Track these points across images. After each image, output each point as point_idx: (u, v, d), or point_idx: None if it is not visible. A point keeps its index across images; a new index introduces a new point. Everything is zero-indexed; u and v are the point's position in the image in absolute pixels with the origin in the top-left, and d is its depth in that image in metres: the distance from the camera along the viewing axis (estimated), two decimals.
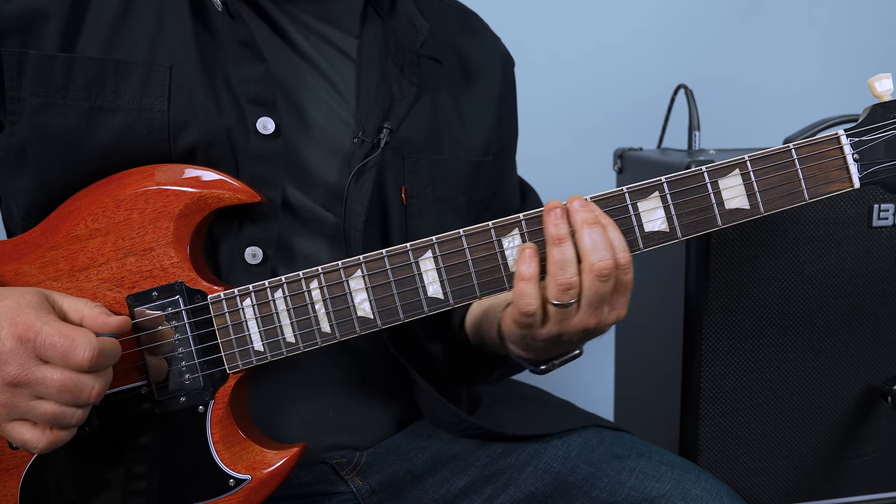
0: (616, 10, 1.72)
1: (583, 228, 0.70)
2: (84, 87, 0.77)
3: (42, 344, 0.66)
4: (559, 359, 0.82)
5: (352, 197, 0.84)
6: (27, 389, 0.66)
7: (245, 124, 0.80)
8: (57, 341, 0.66)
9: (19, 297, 0.68)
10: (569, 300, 0.71)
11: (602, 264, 0.70)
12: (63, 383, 0.66)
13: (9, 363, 0.65)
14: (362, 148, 0.85)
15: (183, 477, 0.77)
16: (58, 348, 0.66)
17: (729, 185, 0.73)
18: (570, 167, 1.65)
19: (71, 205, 0.79)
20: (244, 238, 0.81)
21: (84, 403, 0.68)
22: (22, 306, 0.67)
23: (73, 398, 0.67)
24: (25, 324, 0.66)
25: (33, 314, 0.67)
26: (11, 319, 0.66)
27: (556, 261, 0.71)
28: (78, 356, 0.66)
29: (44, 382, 0.66)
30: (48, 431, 0.68)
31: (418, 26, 0.91)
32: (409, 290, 0.75)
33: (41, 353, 0.66)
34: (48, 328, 0.66)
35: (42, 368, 0.66)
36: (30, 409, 0.67)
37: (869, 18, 1.81)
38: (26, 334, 0.66)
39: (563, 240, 0.71)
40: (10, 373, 0.66)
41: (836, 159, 0.73)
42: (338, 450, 0.90)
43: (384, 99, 0.88)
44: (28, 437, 0.68)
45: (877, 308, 1.20)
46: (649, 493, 0.81)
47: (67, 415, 0.68)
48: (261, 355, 0.77)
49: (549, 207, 0.72)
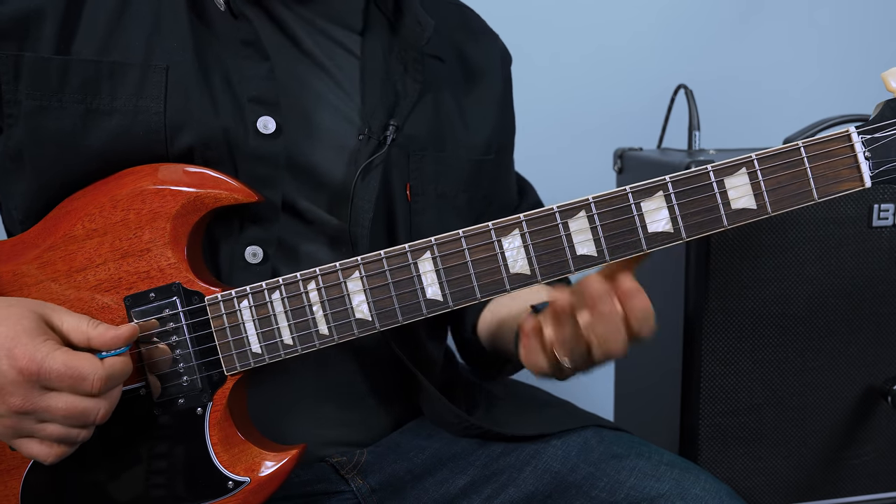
0: (616, 11, 1.72)
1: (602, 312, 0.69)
2: (79, 89, 0.77)
3: (47, 377, 0.65)
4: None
5: (359, 195, 0.84)
6: (33, 416, 0.67)
7: (244, 124, 0.80)
8: (63, 372, 0.65)
9: (15, 323, 0.67)
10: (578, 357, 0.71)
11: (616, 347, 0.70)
12: (68, 411, 0.66)
13: (13, 394, 0.65)
14: (368, 145, 0.85)
15: (181, 479, 0.77)
16: (65, 380, 0.66)
17: (735, 185, 0.70)
18: (570, 167, 1.65)
19: (68, 205, 0.78)
20: (245, 238, 0.81)
21: (91, 425, 0.69)
22: (19, 334, 0.66)
23: (80, 422, 0.67)
24: (26, 356, 0.65)
25: (31, 345, 0.66)
26: (9, 351, 0.65)
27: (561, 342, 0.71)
28: (87, 386, 0.66)
29: (49, 410, 0.66)
30: (55, 447, 0.68)
31: (423, 24, 0.90)
32: (408, 292, 0.74)
33: (46, 384, 0.66)
34: (50, 360, 0.65)
35: (46, 398, 0.66)
36: (36, 431, 0.68)
37: (869, 19, 1.81)
38: (29, 367, 0.65)
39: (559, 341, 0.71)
40: (14, 403, 0.65)
41: (846, 157, 0.70)
42: (337, 447, 0.90)
43: (389, 96, 0.87)
44: (36, 451, 0.68)
45: (877, 308, 1.20)
46: (649, 493, 0.81)
47: (73, 435, 0.68)
48: (258, 357, 0.76)
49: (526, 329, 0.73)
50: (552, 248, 0.72)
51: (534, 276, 0.73)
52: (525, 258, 0.73)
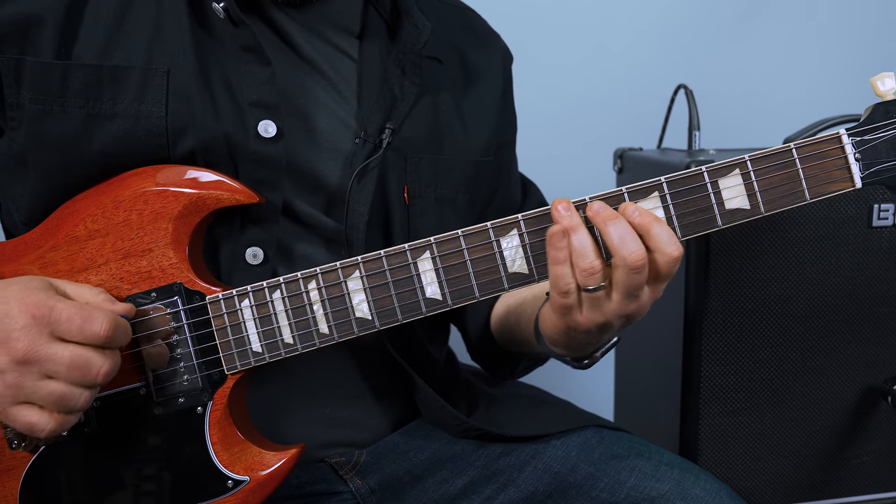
0: (616, 11, 1.72)
1: (606, 225, 0.69)
2: (81, 93, 0.77)
3: (57, 318, 0.66)
4: (599, 350, 0.81)
5: (354, 198, 0.84)
6: (36, 367, 0.66)
7: (245, 128, 0.80)
8: (73, 314, 0.66)
9: (26, 281, 0.69)
10: (595, 284, 0.70)
11: (634, 257, 0.68)
12: (73, 360, 0.66)
13: (19, 339, 0.65)
14: (364, 148, 0.85)
15: (181, 478, 0.77)
16: (74, 321, 0.66)
17: (729, 185, 0.72)
18: (569, 167, 1.65)
19: (71, 206, 0.79)
20: (245, 239, 0.81)
21: (92, 383, 0.68)
22: (30, 289, 0.67)
23: (82, 376, 0.67)
24: (37, 302, 0.66)
25: (44, 294, 0.67)
26: (22, 299, 0.66)
27: (575, 249, 0.69)
28: (95, 327, 0.66)
29: (53, 359, 0.66)
30: (54, 414, 0.67)
31: (421, 27, 0.90)
32: (408, 291, 0.74)
33: (56, 327, 0.66)
34: (62, 304, 0.66)
35: (52, 345, 0.66)
36: (37, 390, 0.66)
37: (869, 19, 1.81)
38: (39, 311, 0.66)
39: (576, 228, 0.69)
40: (19, 349, 0.65)
41: (837, 159, 0.72)
42: (336, 447, 0.90)
43: (386, 99, 0.87)
44: (35, 419, 0.67)
45: (877, 308, 1.20)
46: (649, 493, 0.81)
47: (75, 395, 0.67)
48: (259, 356, 0.77)
49: (555, 203, 0.71)
50: None
51: (532, 275, 0.74)
52: (523, 258, 0.73)
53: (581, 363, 0.83)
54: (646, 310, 0.73)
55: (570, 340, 0.77)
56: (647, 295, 0.71)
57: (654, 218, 0.70)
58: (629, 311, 0.72)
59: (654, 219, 0.70)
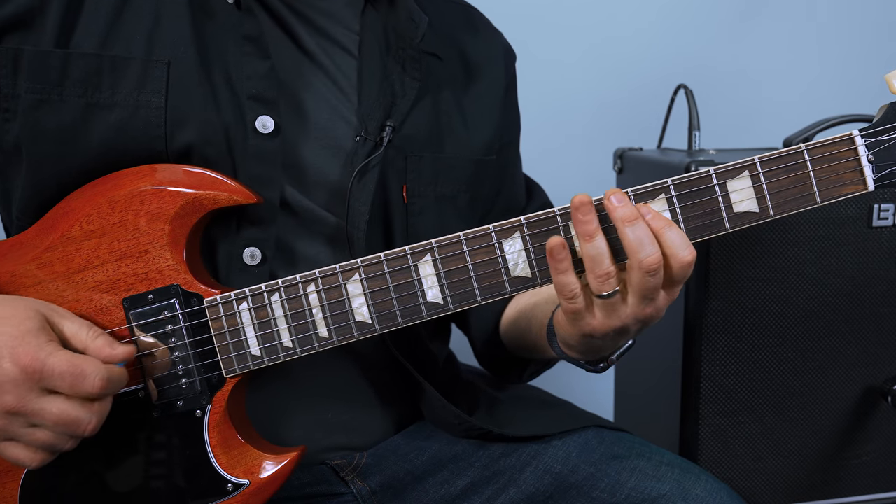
0: (616, 10, 1.72)
1: (624, 227, 0.68)
2: (80, 82, 0.76)
3: (49, 374, 0.65)
4: (615, 353, 0.81)
5: (355, 196, 0.83)
6: (23, 418, 0.66)
7: (244, 122, 0.79)
8: (66, 370, 0.65)
9: (19, 323, 0.67)
10: (610, 290, 0.69)
11: (650, 260, 0.67)
12: (60, 418, 0.66)
13: (8, 392, 0.65)
14: (365, 146, 0.84)
15: (181, 481, 0.77)
16: (66, 378, 0.65)
17: (738, 188, 0.70)
18: (569, 167, 1.65)
19: (66, 205, 0.78)
20: (242, 239, 0.81)
21: (79, 436, 0.68)
22: (23, 334, 0.66)
23: (69, 431, 0.67)
24: (29, 354, 0.65)
25: (35, 344, 0.66)
26: (13, 349, 0.65)
27: (590, 256, 0.68)
28: (87, 385, 0.66)
29: (40, 415, 0.66)
30: (39, 452, 0.68)
31: (417, 20, 0.90)
32: (408, 295, 0.74)
33: (46, 383, 0.66)
34: (54, 359, 0.65)
35: (41, 400, 0.66)
36: (23, 436, 0.67)
37: (869, 19, 1.81)
38: (32, 365, 0.65)
39: (594, 235, 0.68)
40: (7, 402, 0.65)
41: (849, 161, 0.70)
42: (337, 451, 0.89)
43: (386, 96, 0.87)
44: (22, 457, 0.68)
45: (877, 308, 1.20)
46: (650, 494, 0.81)
47: (60, 442, 0.68)
48: (258, 360, 0.76)
49: (577, 204, 0.69)
50: None
51: (534, 279, 0.73)
52: (526, 261, 0.72)
53: (597, 367, 0.82)
54: (662, 313, 0.72)
55: (587, 346, 0.76)
56: (663, 298, 0.71)
57: (666, 222, 0.68)
58: (645, 315, 0.71)
59: (667, 223, 0.68)
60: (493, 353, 1.00)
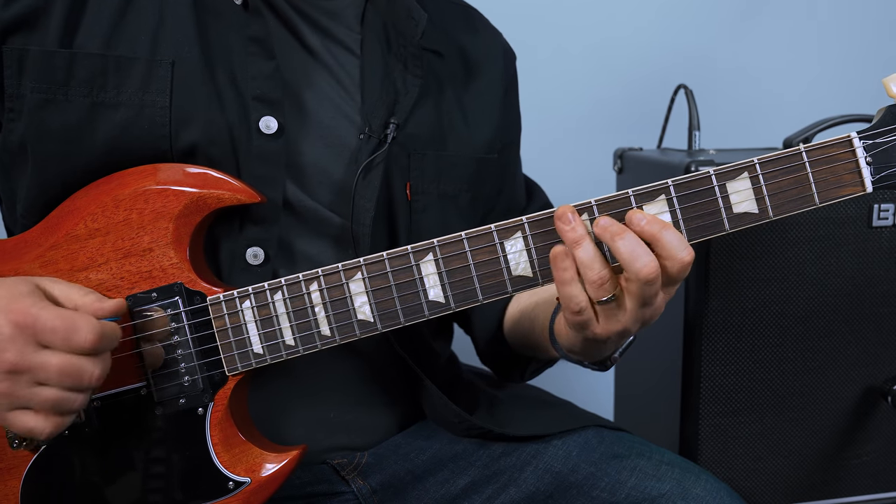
0: (616, 10, 1.72)
1: (615, 241, 0.68)
2: (85, 82, 0.77)
3: (42, 328, 0.65)
4: (617, 351, 0.81)
5: (360, 194, 0.83)
6: (27, 376, 0.65)
7: (248, 122, 0.80)
8: (57, 324, 0.65)
9: (11, 286, 0.68)
10: (606, 296, 0.69)
11: (647, 271, 0.67)
12: (63, 367, 0.65)
13: (7, 350, 0.64)
14: (369, 144, 0.85)
15: (182, 478, 0.77)
16: (58, 332, 0.65)
17: (737, 189, 0.71)
18: (569, 167, 1.65)
19: (70, 204, 0.78)
20: (245, 238, 0.81)
21: (85, 387, 0.67)
22: (15, 295, 0.66)
23: (75, 382, 0.66)
24: (21, 310, 0.65)
25: (29, 300, 0.66)
26: (6, 307, 0.65)
27: (582, 261, 0.69)
28: (80, 338, 0.65)
29: (43, 367, 0.65)
30: (52, 417, 0.67)
31: (416, 18, 0.90)
32: (410, 294, 0.74)
33: (41, 337, 0.65)
34: (46, 312, 0.65)
35: (41, 353, 0.65)
36: (31, 397, 0.66)
37: (869, 18, 1.81)
38: (24, 320, 0.65)
39: (581, 240, 0.69)
40: (8, 359, 0.64)
41: (848, 162, 0.70)
42: (339, 451, 0.90)
43: (389, 94, 0.87)
44: (32, 424, 0.67)
45: (877, 308, 1.20)
46: (650, 493, 0.81)
47: (69, 400, 0.67)
48: (260, 358, 0.76)
49: (559, 214, 0.70)
50: None
51: (536, 278, 0.73)
52: (527, 261, 0.73)
53: (602, 366, 0.83)
54: (661, 311, 0.73)
55: (589, 349, 0.77)
56: (661, 298, 0.71)
57: (662, 224, 0.69)
58: (645, 317, 0.71)
59: (663, 225, 0.68)
60: (497, 351, 1.01)
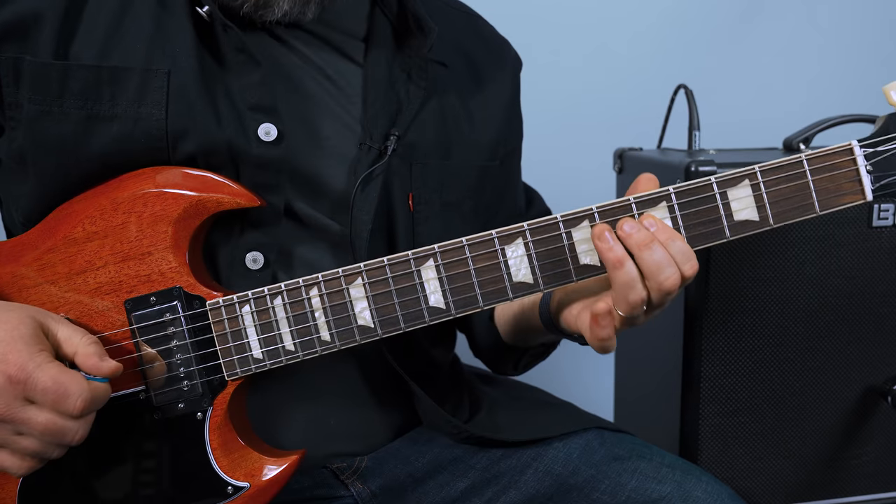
0: (616, 11, 1.72)
1: (641, 252, 0.68)
2: (80, 94, 0.76)
3: (33, 387, 0.65)
4: None
5: (357, 205, 0.83)
6: (10, 426, 0.66)
7: (246, 133, 0.79)
8: (49, 386, 0.65)
9: (12, 328, 0.67)
10: (640, 313, 0.71)
11: (671, 281, 0.68)
12: (47, 427, 0.66)
13: None
14: (369, 155, 0.84)
15: (181, 483, 0.77)
16: (49, 394, 0.65)
17: (738, 197, 0.71)
18: (569, 167, 1.64)
19: (69, 207, 0.78)
20: (245, 243, 0.81)
21: (66, 445, 0.68)
22: (15, 340, 0.66)
23: (56, 440, 0.67)
24: (17, 364, 0.65)
25: (26, 353, 0.66)
26: (2, 356, 0.65)
27: (623, 283, 0.69)
28: (69, 404, 0.66)
29: (27, 423, 0.66)
30: (27, 460, 0.68)
31: (427, 29, 0.88)
32: (411, 299, 0.74)
33: (31, 395, 0.66)
34: (40, 372, 0.65)
35: (27, 409, 0.66)
36: (11, 443, 0.67)
37: (869, 19, 1.81)
38: (18, 375, 0.65)
39: (624, 261, 0.69)
40: None
41: (848, 171, 0.71)
42: (338, 457, 0.89)
43: (391, 104, 0.86)
44: (8, 464, 0.68)
45: (877, 308, 1.20)
46: (650, 495, 0.81)
47: (48, 452, 0.68)
48: (260, 363, 0.76)
49: (597, 233, 0.70)
50: (555, 257, 0.72)
51: (536, 284, 0.73)
52: (528, 267, 0.73)
53: None
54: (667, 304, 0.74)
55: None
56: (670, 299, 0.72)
57: (671, 234, 0.69)
58: (653, 316, 0.74)
59: (671, 235, 0.69)
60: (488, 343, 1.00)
